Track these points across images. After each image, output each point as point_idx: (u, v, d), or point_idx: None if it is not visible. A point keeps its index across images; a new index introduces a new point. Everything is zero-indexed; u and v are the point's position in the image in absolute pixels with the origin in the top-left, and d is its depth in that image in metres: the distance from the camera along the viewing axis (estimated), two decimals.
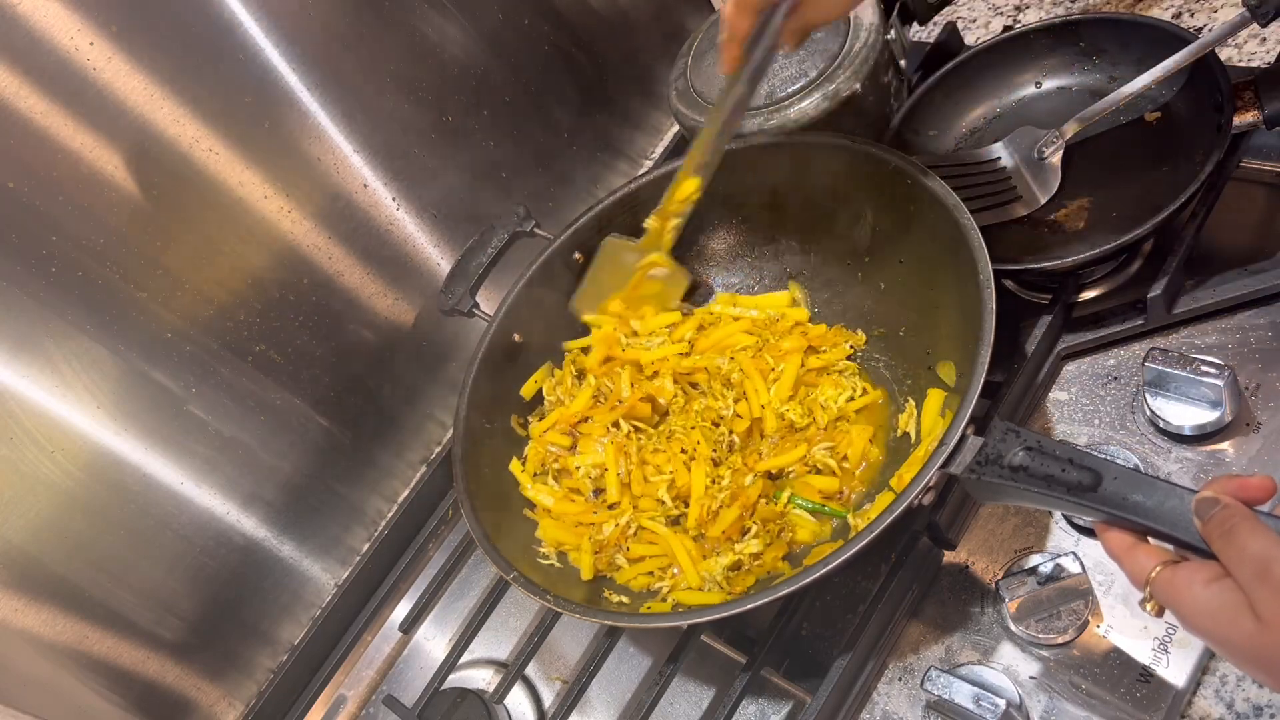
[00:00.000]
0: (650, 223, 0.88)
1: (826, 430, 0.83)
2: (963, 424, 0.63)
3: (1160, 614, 0.54)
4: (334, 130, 0.93)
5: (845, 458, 0.82)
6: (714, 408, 0.87)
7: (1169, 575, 0.52)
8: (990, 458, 0.62)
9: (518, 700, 0.89)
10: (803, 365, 0.87)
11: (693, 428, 0.85)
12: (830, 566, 0.64)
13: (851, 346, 0.88)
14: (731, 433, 0.85)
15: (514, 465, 0.89)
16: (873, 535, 0.63)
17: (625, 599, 0.81)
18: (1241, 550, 0.49)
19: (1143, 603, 0.55)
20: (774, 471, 0.83)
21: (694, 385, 0.91)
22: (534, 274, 0.94)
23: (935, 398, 0.79)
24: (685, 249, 0.98)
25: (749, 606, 0.66)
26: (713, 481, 0.82)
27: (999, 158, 0.88)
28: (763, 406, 0.85)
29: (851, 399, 0.85)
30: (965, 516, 0.80)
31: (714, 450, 0.84)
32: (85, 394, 0.82)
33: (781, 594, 0.65)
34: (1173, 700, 0.66)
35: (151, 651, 0.92)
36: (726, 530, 0.79)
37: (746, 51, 0.73)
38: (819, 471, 0.82)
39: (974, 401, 0.65)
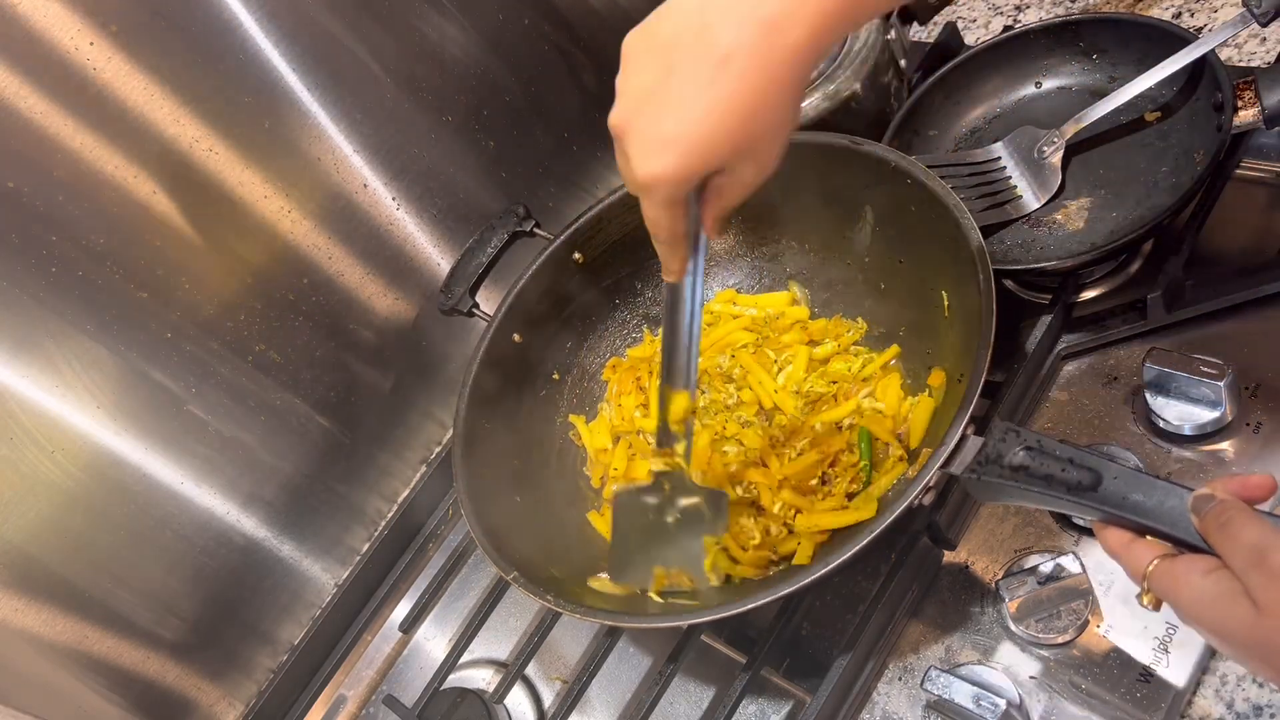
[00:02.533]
0: (654, 463, 0.76)
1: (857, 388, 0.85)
2: (963, 424, 0.63)
3: (1157, 607, 0.54)
4: (334, 130, 0.93)
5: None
6: (718, 400, 0.88)
7: (1166, 567, 0.52)
8: (990, 457, 0.62)
9: (518, 700, 0.89)
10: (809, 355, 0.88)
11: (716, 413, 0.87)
12: (830, 566, 0.64)
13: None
14: (743, 416, 0.86)
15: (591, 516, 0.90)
16: (873, 535, 0.63)
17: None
18: (1236, 539, 0.49)
19: (1140, 596, 0.55)
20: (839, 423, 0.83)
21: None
22: (534, 274, 0.93)
23: (927, 403, 0.80)
24: None
25: (749, 607, 0.66)
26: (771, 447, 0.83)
27: (999, 158, 0.88)
28: (775, 391, 0.86)
29: (866, 366, 0.86)
30: (965, 516, 0.80)
31: (741, 427, 0.85)
32: (85, 394, 0.82)
33: (781, 594, 0.65)
34: (1173, 700, 0.66)
35: (151, 651, 0.92)
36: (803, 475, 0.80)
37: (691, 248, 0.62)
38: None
39: (974, 401, 0.65)
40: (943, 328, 0.80)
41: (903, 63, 0.96)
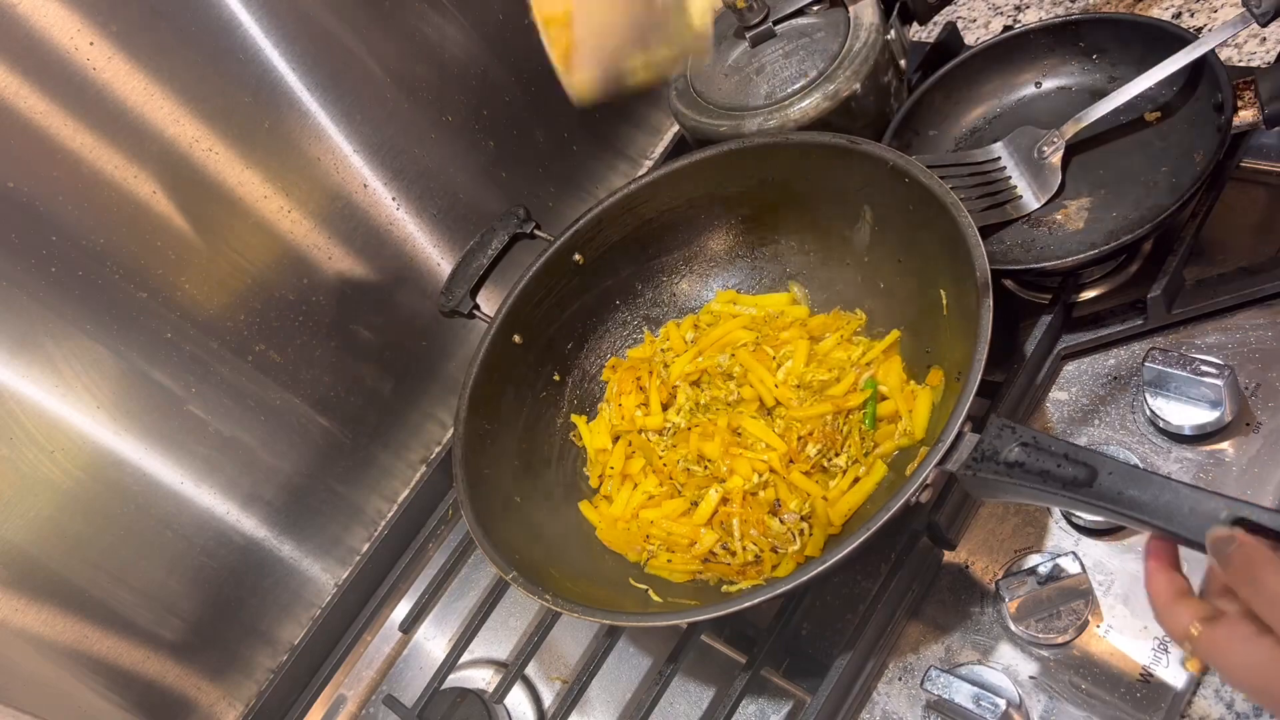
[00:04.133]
0: None
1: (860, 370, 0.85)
2: (959, 421, 0.63)
3: (1203, 671, 0.53)
4: (334, 130, 0.93)
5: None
6: (719, 397, 0.88)
7: (1209, 634, 0.51)
8: (986, 454, 0.62)
9: (518, 700, 0.89)
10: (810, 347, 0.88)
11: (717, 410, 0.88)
12: (830, 564, 0.64)
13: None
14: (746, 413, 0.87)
15: (583, 506, 0.90)
16: (871, 533, 0.63)
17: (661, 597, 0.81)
18: (1266, 593, 0.48)
19: (1184, 661, 0.54)
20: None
21: (696, 384, 0.91)
22: (534, 275, 0.94)
23: (925, 401, 0.80)
24: (685, 250, 0.98)
25: (749, 605, 0.66)
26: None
27: (999, 158, 0.88)
28: (776, 386, 0.86)
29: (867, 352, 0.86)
30: (965, 516, 0.80)
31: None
32: (85, 394, 0.83)
33: (781, 593, 0.65)
34: (1172, 700, 0.66)
35: (151, 651, 0.92)
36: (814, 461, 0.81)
37: None
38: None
39: (970, 399, 0.65)
40: (942, 327, 0.80)
41: (902, 63, 0.96)
